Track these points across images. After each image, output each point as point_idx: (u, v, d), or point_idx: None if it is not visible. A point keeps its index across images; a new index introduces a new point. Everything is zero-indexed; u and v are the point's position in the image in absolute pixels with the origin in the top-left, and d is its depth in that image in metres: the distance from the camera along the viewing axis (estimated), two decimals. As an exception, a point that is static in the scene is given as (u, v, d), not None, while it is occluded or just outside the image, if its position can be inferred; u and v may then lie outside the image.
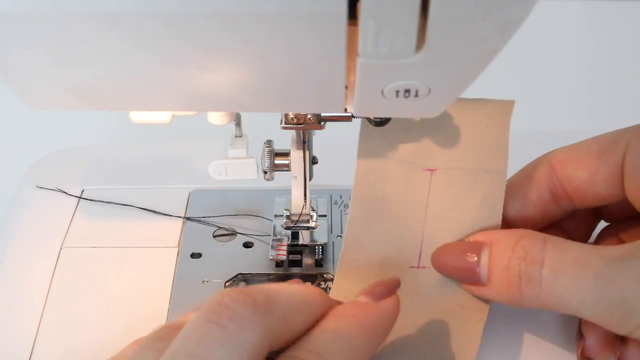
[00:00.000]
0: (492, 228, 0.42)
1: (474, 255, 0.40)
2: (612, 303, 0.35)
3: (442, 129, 0.43)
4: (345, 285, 0.43)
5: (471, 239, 0.41)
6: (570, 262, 0.36)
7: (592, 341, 0.40)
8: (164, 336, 0.33)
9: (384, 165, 0.43)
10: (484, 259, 0.39)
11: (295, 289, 0.35)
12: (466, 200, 0.42)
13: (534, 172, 0.42)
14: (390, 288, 0.38)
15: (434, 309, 0.42)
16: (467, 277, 0.40)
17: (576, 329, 0.42)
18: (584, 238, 0.45)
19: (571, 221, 0.44)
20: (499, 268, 0.38)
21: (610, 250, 0.36)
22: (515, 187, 0.42)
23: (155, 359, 0.32)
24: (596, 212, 0.45)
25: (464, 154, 0.43)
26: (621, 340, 0.39)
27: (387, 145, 0.43)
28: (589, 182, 0.40)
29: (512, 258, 0.38)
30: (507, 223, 0.42)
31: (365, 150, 0.43)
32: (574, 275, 0.36)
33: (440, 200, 0.43)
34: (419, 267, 0.43)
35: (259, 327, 0.31)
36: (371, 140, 0.43)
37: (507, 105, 0.42)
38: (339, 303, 0.37)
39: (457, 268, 0.40)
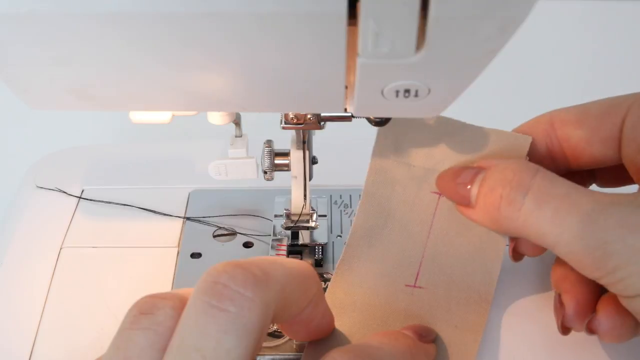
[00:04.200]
0: (494, 260, 0.42)
1: (472, 178, 0.40)
2: (591, 244, 0.35)
3: (456, 155, 0.43)
4: (339, 293, 0.44)
5: (475, 165, 0.41)
6: (559, 195, 0.36)
7: (571, 310, 0.39)
8: (148, 310, 0.32)
9: (393, 182, 0.43)
10: (477, 182, 0.39)
11: (288, 261, 0.35)
12: (470, 230, 0.42)
13: (533, 127, 0.42)
14: (431, 334, 0.41)
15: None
16: (460, 199, 0.40)
17: (554, 301, 0.42)
18: None
19: None
20: (485, 189, 0.38)
21: (600, 195, 0.36)
22: None
23: (150, 342, 0.31)
24: (590, 175, 0.45)
25: None
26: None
27: (398, 163, 0.43)
28: (587, 141, 0.40)
29: (499, 179, 0.38)
30: None
31: (377, 166, 0.43)
32: (558, 208, 0.36)
33: (445, 225, 0.43)
34: (414, 286, 0.43)
35: (260, 304, 0.31)
36: (383, 157, 0.43)
37: (523, 142, 0.42)
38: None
39: (453, 189, 0.41)
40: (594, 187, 0.46)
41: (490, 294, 0.43)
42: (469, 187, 0.39)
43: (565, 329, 0.41)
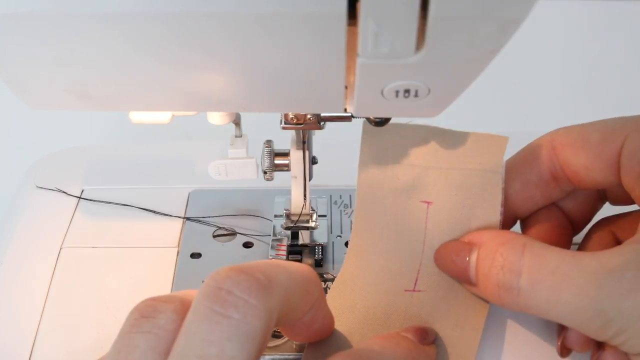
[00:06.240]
0: None
1: (466, 256, 0.41)
2: (589, 315, 0.36)
3: (436, 163, 0.43)
4: (339, 298, 0.44)
5: (466, 238, 0.42)
6: (549, 272, 0.37)
7: (573, 333, 0.40)
8: (149, 313, 0.32)
9: (383, 196, 0.44)
10: (473, 261, 0.40)
11: (291, 265, 0.35)
12: (463, 233, 0.43)
13: (535, 152, 0.42)
14: (431, 335, 0.41)
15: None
16: (461, 277, 0.41)
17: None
18: (584, 219, 0.45)
19: (571, 201, 0.44)
20: (482, 273, 0.39)
21: (589, 261, 0.36)
22: (517, 166, 0.43)
23: (151, 345, 0.31)
24: (600, 195, 0.45)
25: (458, 190, 0.43)
26: (598, 345, 0.40)
27: (385, 176, 0.44)
28: (587, 168, 0.41)
29: (492, 266, 0.39)
30: (508, 202, 0.43)
31: (365, 180, 0.44)
32: (552, 287, 0.36)
33: (437, 231, 0.43)
34: (414, 290, 0.43)
35: (264, 310, 0.31)
36: (370, 171, 0.44)
37: (499, 143, 0.43)
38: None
39: (453, 268, 0.42)
40: (606, 206, 0.46)
41: None
42: (467, 260, 0.40)
43: (564, 350, 0.41)
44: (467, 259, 0.40)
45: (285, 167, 0.47)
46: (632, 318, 0.35)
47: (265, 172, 0.47)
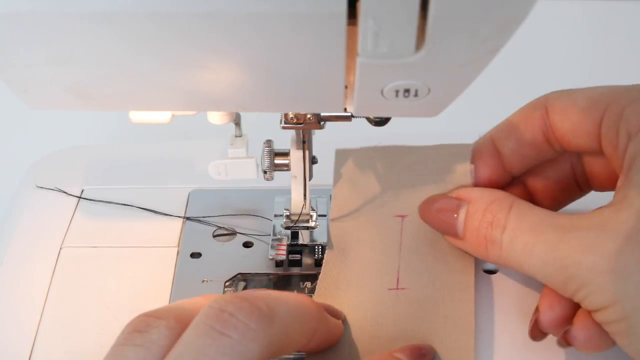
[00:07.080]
0: (466, 263, 0.44)
1: (454, 210, 0.42)
2: (555, 270, 0.38)
3: (408, 178, 0.45)
4: (326, 301, 0.44)
5: (454, 194, 0.43)
6: (527, 228, 0.39)
7: (545, 316, 0.41)
8: (142, 328, 0.33)
9: (357, 213, 0.46)
10: (462, 216, 0.42)
11: (292, 299, 0.36)
12: (438, 242, 0.45)
13: (529, 113, 0.43)
14: (429, 353, 0.41)
15: (420, 323, 0.43)
16: (446, 230, 0.43)
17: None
18: (553, 203, 0.46)
19: (540, 181, 0.45)
20: (471, 227, 0.41)
21: (562, 220, 0.38)
22: (511, 126, 0.44)
23: (139, 358, 0.31)
24: (577, 182, 0.45)
25: None
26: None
27: (358, 194, 0.45)
28: (572, 134, 0.42)
29: (482, 221, 0.41)
30: (503, 160, 0.44)
31: (338, 200, 0.46)
32: (526, 242, 0.39)
33: (413, 241, 0.45)
34: (397, 288, 0.44)
35: (262, 338, 0.31)
36: (343, 192, 0.46)
37: (464, 150, 0.44)
38: (329, 310, 0.41)
39: (439, 221, 0.43)
40: (591, 193, 0.46)
41: (471, 280, 0.44)
42: (455, 216, 0.42)
43: (535, 333, 0.41)
44: (456, 215, 0.42)
45: (285, 167, 0.47)
46: (591, 274, 0.36)
47: (265, 172, 0.47)
